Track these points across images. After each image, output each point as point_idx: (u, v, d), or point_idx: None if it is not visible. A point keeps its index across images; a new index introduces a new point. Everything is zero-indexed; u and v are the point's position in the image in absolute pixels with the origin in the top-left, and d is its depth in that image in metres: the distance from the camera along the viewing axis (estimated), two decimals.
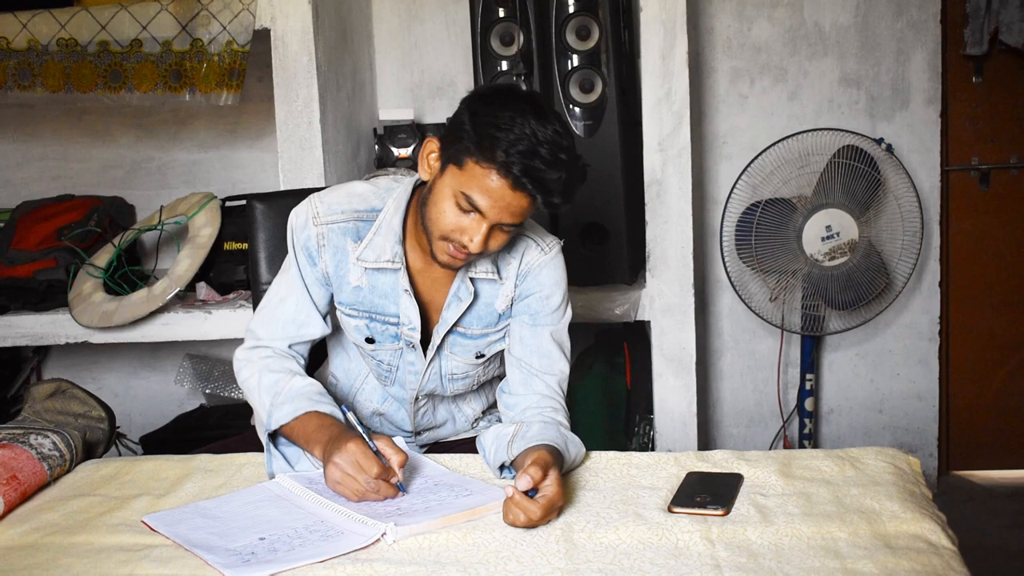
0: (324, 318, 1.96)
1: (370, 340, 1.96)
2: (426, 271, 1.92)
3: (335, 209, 1.89)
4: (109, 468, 1.92)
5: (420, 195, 1.87)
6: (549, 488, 1.58)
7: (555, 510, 1.59)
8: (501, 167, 1.66)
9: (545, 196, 1.69)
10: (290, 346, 1.93)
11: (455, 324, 1.93)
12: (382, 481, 1.65)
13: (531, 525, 1.56)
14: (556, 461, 1.68)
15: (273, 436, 1.84)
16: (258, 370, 1.89)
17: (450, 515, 1.59)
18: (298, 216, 1.91)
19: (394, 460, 1.67)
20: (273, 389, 1.85)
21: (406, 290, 1.89)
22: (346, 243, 1.89)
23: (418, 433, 2.10)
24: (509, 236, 1.79)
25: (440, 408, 2.09)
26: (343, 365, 2.07)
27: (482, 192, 1.69)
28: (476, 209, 1.71)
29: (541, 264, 1.92)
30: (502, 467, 1.79)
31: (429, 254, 1.84)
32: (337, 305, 1.94)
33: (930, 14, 3.47)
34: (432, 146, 1.79)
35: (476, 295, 1.91)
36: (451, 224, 1.74)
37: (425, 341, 1.95)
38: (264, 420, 1.83)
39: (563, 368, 1.95)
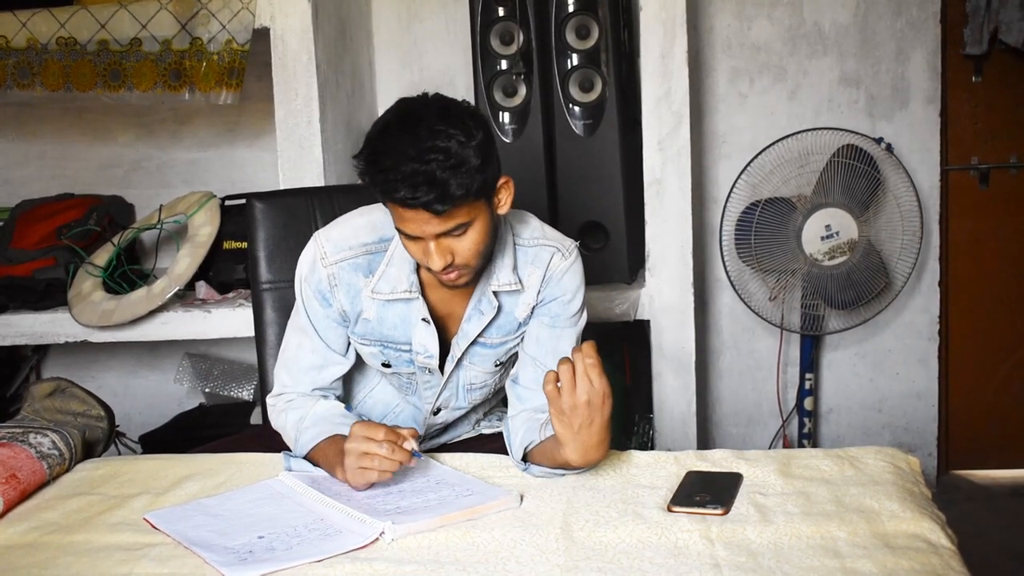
0: (346, 352, 1.96)
1: (386, 364, 1.96)
2: (443, 289, 1.89)
3: (342, 246, 1.88)
4: (108, 467, 1.92)
5: None
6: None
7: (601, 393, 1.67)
8: (394, 199, 1.66)
9: (439, 203, 1.65)
10: (314, 389, 1.95)
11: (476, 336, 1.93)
12: (394, 444, 1.65)
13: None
14: None
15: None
16: (284, 410, 1.93)
17: (449, 514, 1.59)
18: (304, 261, 1.91)
19: (404, 432, 1.69)
20: (297, 418, 1.88)
21: (424, 319, 1.89)
22: (357, 279, 1.88)
23: (422, 440, 2.11)
24: (480, 235, 1.75)
25: (458, 419, 2.11)
26: (355, 372, 2.05)
27: (401, 222, 1.71)
28: (410, 237, 1.73)
29: (563, 269, 1.92)
30: (525, 458, 1.80)
31: None
32: (350, 335, 1.94)
33: (930, 13, 3.47)
34: None
35: (499, 308, 1.91)
36: (415, 255, 1.76)
37: (443, 352, 1.94)
38: (295, 451, 1.86)
39: None
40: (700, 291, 3.61)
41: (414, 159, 1.63)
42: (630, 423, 3.24)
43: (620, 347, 3.32)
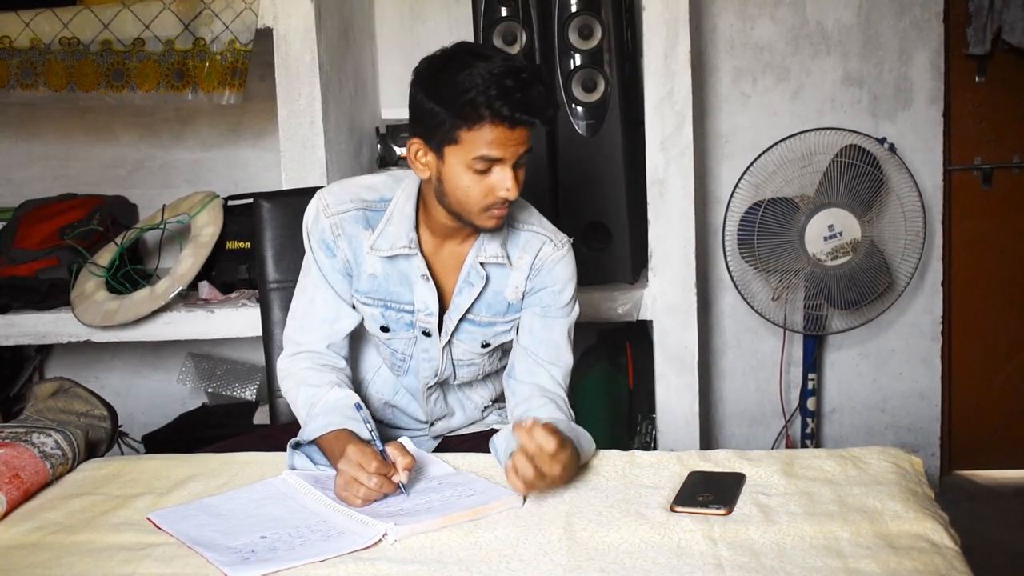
0: (354, 308, 1.99)
1: (385, 329, 1.99)
2: (437, 256, 1.95)
3: (343, 199, 1.93)
4: (111, 467, 1.92)
5: (429, 188, 1.87)
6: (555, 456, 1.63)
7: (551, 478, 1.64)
8: (492, 117, 1.72)
9: (542, 117, 1.76)
10: (328, 346, 1.96)
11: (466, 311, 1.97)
12: (382, 477, 1.66)
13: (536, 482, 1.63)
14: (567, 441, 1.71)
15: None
16: (297, 383, 1.94)
17: (452, 515, 1.59)
18: (309, 214, 1.96)
19: (400, 462, 1.68)
20: (309, 402, 1.88)
21: (423, 275, 1.93)
22: (358, 231, 1.92)
23: (431, 424, 2.12)
24: (524, 167, 1.83)
25: (450, 397, 2.12)
26: (356, 357, 2.09)
27: (490, 146, 1.74)
28: (494, 162, 1.76)
29: (555, 260, 1.96)
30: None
31: (445, 231, 1.91)
32: (354, 294, 1.97)
33: (933, 13, 3.47)
34: (416, 146, 1.83)
35: (487, 280, 1.94)
36: (480, 191, 1.79)
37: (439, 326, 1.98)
38: (302, 432, 1.86)
39: (568, 361, 1.98)
40: (703, 291, 3.60)
41: (511, 75, 1.71)
42: (633, 423, 3.24)
43: (623, 347, 3.32)
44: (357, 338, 2.06)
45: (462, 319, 1.97)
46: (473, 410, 2.16)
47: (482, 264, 1.94)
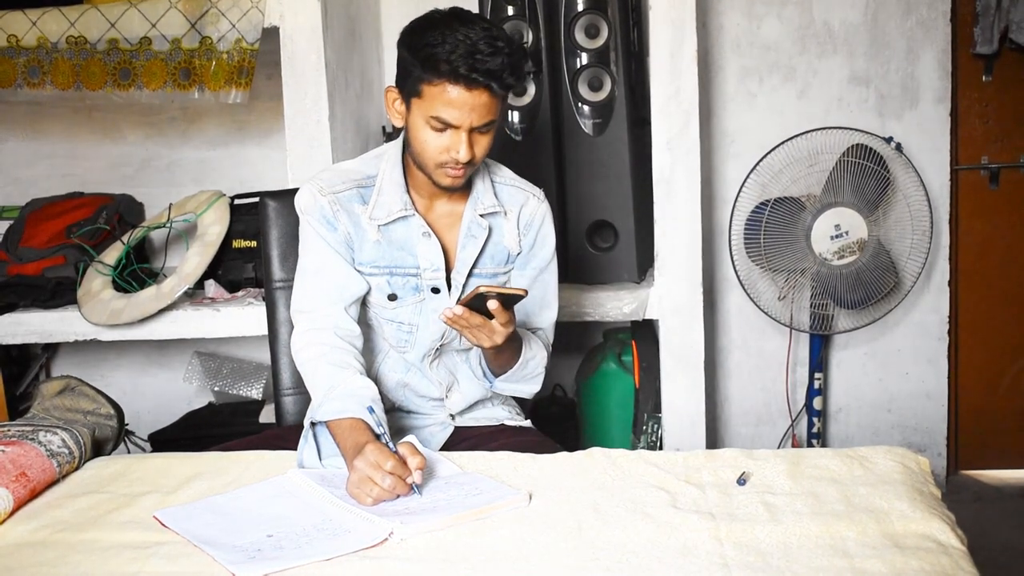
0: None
1: (392, 297, 2.02)
2: (432, 215, 2.04)
3: (335, 181, 2.01)
4: (118, 465, 1.92)
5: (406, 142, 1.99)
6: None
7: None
8: (450, 76, 1.81)
9: (499, 82, 1.83)
10: (344, 308, 1.98)
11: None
12: (397, 477, 1.66)
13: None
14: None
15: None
16: (317, 355, 1.94)
17: (458, 514, 1.59)
18: (303, 197, 2.02)
19: (411, 462, 1.68)
20: (330, 381, 1.89)
21: (424, 232, 1.99)
22: (354, 207, 1.99)
23: (446, 397, 2.13)
24: (491, 135, 1.92)
25: (451, 363, 2.13)
26: (365, 342, 2.07)
27: (445, 106, 1.84)
28: (448, 124, 1.85)
29: (542, 214, 2.11)
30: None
31: (431, 189, 1.99)
32: (358, 267, 2.01)
33: (940, 13, 3.46)
34: (392, 94, 1.95)
35: (490, 230, 2.03)
36: (436, 147, 1.89)
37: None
38: (314, 407, 1.88)
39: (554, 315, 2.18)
40: (709, 290, 3.60)
41: (483, 40, 1.80)
42: (639, 423, 3.24)
43: (629, 346, 3.31)
44: (366, 322, 2.07)
45: (469, 274, 2.03)
46: (482, 377, 2.15)
47: (482, 216, 2.02)
